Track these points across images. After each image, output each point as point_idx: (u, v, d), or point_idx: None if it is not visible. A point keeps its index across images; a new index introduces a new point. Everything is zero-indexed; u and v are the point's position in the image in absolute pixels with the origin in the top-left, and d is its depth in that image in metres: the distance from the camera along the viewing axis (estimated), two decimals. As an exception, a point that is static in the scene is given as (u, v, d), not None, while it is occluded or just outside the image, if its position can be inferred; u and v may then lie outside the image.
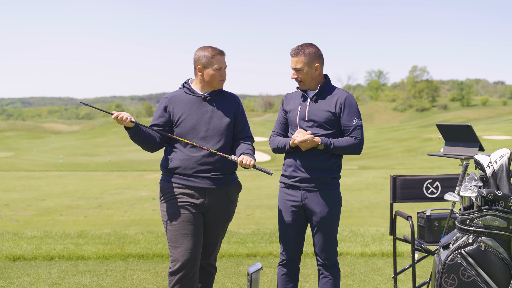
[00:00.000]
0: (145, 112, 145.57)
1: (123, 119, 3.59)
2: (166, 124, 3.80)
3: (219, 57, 3.76)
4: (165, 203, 3.75)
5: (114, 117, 3.59)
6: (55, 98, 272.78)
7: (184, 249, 3.64)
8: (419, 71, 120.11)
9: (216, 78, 3.77)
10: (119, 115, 3.58)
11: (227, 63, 3.82)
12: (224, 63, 3.79)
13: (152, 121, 3.86)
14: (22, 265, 5.89)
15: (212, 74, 3.75)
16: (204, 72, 3.76)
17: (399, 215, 4.47)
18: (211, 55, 3.74)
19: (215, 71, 3.74)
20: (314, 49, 3.85)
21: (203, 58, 3.75)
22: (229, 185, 3.82)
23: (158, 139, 3.80)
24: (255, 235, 7.51)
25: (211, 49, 3.76)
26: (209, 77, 3.76)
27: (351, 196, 12.93)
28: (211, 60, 3.74)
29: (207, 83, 3.79)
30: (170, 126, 3.80)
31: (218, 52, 3.76)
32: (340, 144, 3.78)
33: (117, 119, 3.59)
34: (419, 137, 58.27)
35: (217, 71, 3.75)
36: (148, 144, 3.77)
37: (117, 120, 3.59)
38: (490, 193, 3.25)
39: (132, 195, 13.89)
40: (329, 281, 3.85)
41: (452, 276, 3.29)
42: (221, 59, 3.76)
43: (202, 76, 3.78)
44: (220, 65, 3.75)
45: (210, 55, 3.74)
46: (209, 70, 3.75)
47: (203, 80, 3.79)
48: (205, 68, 3.75)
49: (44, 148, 71.38)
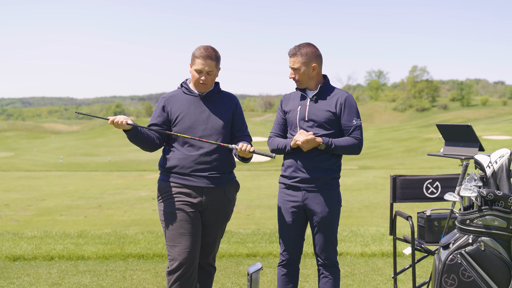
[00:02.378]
0: (145, 112, 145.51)
1: (118, 123, 3.60)
2: (164, 123, 3.80)
3: (202, 60, 3.69)
4: (163, 202, 3.76)
5: (110, 122, 3.59)
6: (55, 98, 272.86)
7: (181, 248, 3.64)
8: (419, 71, 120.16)
9: (195, 79, 3.75)
10: (114, 120, 3.59)
11: (226, 63, 3.84)
12: (205, 67, 3.69)
13: (151, 121, 3.86)
14: (22, 265, 5.89)
15: (193, 74, 3.75)
16: (191, 69, 3.78)
17: (399, 215, 4.47)
18: (198, 55, 3.71)
19: (195, 72, 3.73)
20: (311, 49, 3.85)
21: (192, 55, 3.76)
22: (227, 184, 3.82)
23: (157, 140, 3.80)
24: (255, 235, 7.51)
25: (202, 50, 3.72)
26: (191, 76, 3.78)
27: (351, 196, 12.93)
28: (195, 59, 3.72)
29: (192, 82, 3.80)
30: (168, 125, 3.81)
31: (204, 56, 3.69)
32: (341, 144, 3.78)
33: (114, 124, 3.60)
34: (419, 137, 58.25)
35: (198, 72, 3.72)
36: (147, 144, 3.78)
37: (114, 124, 3.60)
38: (490, 193, 3.25)
39: (132, 195, 13.89)
40: (329, 281, 3.85)
41: (452, 276, 3.30)
42: (203, 62, 3.68)
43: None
44: (199, 67, 3.70)
45: (196, 54, 3.72)
46: (191, 68, 3.76)
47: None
48: (191, 65, 3.77)
49: (44, 148, 71.36)
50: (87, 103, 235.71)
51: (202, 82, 3.73)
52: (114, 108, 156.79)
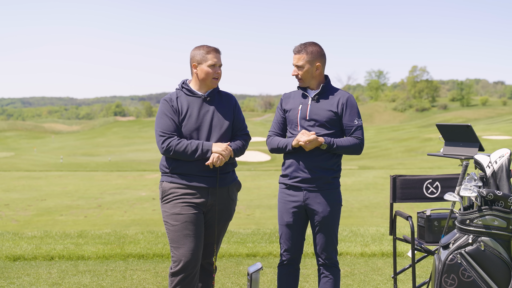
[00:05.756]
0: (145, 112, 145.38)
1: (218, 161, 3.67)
2: (178, 122, 3.76)
3: (214, 54, 3.75)
4: (167, 204, 3.74)
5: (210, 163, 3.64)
6: (55, 98, 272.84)
7: (186, 250, 3.64)
8: (419, 71, 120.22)
9: (209, 75, 3.75)
10: (213, 160, 3.65)
11: (226, 63, 3.82)
12: (219, 60, 3.77)
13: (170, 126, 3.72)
14: (22, 265, 5.89)
15: (206, 70, 3.74)
16: (198, 68, 3.76)
17: (399, 215, 4.47)
18: (206, 51, 3.74)
19: (209, 68, 3.73)
20: (317, 48, 3.86)
21: (198, 55, 3.75)
22: (230, 184, 3.84)
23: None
24: (255, 235, 7.51)
25: (206, 46, 3.77)
26: (203, 74, 3.75)
27: (351, 196, 12.94)
28: (206, 56, 3.73)
29: (202, 81, 3.78)
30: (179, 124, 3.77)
31: (213, 49, 3.76)
32: (343, 144, 3.79)
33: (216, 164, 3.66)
34: (419, 137, 58.28)
35: (212, 67, 3.74)
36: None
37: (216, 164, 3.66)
38: (490, 193, 3.25)
39: (132, 195, 13.89)
40: (329, 280, 3.85)
41: (452, 276, 3.30)
42: (216, 55, 3.75)
43: (197, 74, 3.77)
44: (214, 61, 3.73)
45: (205, 51, 3.74)
46: (203, 66, 3.74)
47: (198, 78, 3.78)
48: (200, 64, 3.75)
49: (44, 148, 71.38)
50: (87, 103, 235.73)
51: (216, 76, 3.77)
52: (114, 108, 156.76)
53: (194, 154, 3.64)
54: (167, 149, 3.65)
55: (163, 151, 3.69)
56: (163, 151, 3.68)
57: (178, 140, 3.66)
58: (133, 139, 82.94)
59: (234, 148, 3.78)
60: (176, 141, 3.65)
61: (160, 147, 3.70)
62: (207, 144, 3.67)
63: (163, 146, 3.67)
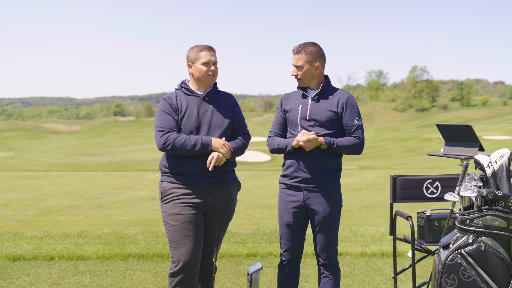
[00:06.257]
0: (145, 112, 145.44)
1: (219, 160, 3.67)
2: (177, 120, 3.77)
3: (207, 51, 3.77)
4: (167, 204, 3.74)
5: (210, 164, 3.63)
6: (55, 98, 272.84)
7: (185, 250, 3.64)
8: (419, 71, 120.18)
9: (204, 73, 3.76)
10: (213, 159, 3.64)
11: (226, 63, 3.86)
12: (212, 57, 3.78)
13: (169, 122, 3.72)
14: (22, 265, 5.89)
15: (200, 69, 3.76)
16: (193, 67, 3.79)
17: (399, 215, 4.47)
18: (199, 49, 3.78)
19: (203, 65, 3.75)
20: (316, 48, 3.86)
21: (192, 54, 3.79)
22: (230, 184, 3.84)
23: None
24: (255, 235, 7.51)
25: (199, 45, 3.81)
26: (198, 72, 3.77)
27: (351, 196, 12.94)
28: (199, 54, 3.77)
29: (198, 79, 3.80)
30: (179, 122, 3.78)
31: (206, 47, 3.79)
32: (343, 144, 3.79)
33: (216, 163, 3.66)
34: (419, 137, 58.28)
35: (205, 65, 3.76)
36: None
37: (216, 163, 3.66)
38: (490, 193, 3.25)
39: (132, 195, 13.89)
40: (329, 280, 3.85)
41: (452, 276, 3.29)
42: (208, 53, 3.77)
43: (193, 73, 3.80)
44: (207, 58, 3.75)
45: (198, 50, 3.78)
46: (197, 64, 3.77)
47: (194, 77, 3.81)
48: (194, 63, 3.78)
49: (44, 148, 71.38)
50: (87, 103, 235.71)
51: (211, 73, 3.78)
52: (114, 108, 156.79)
53: (194, 148, 3.62)
54: (165, 143, 3.62)
55: (161, 145, 3.64)
56: (161, 146, 3.63)
57: (177, 134, 3.66)
58: (133, 139, 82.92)
59: (234, 147, 3.78)
60: (174, 135, 3.64)
61: (158, 141, 3.66)
62: (207, 139, 3.67)
63: (161, 140, 3.63)
